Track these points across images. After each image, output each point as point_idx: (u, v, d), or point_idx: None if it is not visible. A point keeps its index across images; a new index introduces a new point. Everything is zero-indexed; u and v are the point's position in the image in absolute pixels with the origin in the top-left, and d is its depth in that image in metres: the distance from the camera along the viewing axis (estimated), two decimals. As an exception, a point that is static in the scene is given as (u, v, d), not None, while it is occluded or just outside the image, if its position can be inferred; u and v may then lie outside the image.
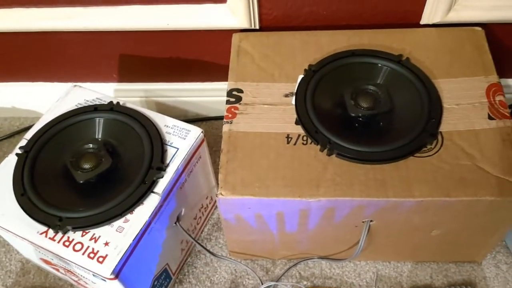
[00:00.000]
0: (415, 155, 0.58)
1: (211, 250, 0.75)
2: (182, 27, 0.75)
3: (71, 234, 0.57)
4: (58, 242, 0.56)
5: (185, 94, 0.90)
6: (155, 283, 0.66)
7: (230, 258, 0.73)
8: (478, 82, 0.64)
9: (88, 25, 0.76)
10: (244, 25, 0.73)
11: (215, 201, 0.79)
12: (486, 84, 0.64)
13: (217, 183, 0.58)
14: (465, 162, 0.58)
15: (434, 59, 0.67)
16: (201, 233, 0.77)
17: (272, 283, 0.71)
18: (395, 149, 0.58)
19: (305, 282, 0.71)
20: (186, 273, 0.73)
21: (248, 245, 0.70)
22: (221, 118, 0.93)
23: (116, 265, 0.54)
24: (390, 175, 0.57)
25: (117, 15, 0.74)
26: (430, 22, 0.72)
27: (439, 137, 0.60)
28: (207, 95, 0.89)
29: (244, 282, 0.72)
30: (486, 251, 0.70)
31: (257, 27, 0.74)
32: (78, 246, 0.56)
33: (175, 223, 0.65)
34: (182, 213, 0.67)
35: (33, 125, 0.67)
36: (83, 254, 0.55)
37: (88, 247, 0.56)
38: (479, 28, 0.70)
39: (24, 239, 0.58)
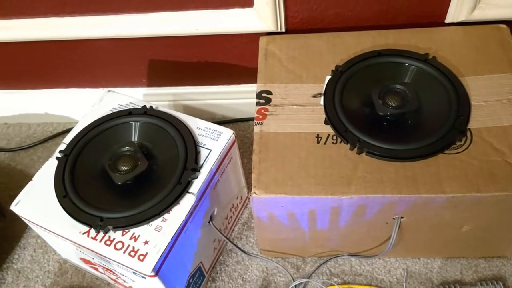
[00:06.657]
0: (445, 152, 0.59)
1: (242, 248, 0.77)
2: (210, 31, 0.77)
3: (111, 234, 0.59)
4: (100, 241, 0.59)
5: (212, 97, 0.92)
6: (190, 280, 0.68)
7: (261, 256, 0.75)
8: (505, 79, 0.65)
9: (119, 32, 0.78)
10: (271, 28, 0.75)
11: (245, 201, 0.80)
12: (513, 81, 0.65)
13: (246, 183, 0.60)
14: (494, 158, 0.58)
15: (460, 57, 0.68)
16: (232, 232, 0.79)
17: (304, 280, 0.72)
18: (425, 147, 0.59)
19: (335, 279, 0.72)
20: (219, 271, 0.75)
21: (279, 243, 0.72)
22: (247, 120, 0.95)
23: (156, 262, 0.56)
24: (420, 172, 0.58)
25: (147, 22, 0.76)
26: (455, 21, 0.73)
27: (468, 134, 0.60)
28: (233, 97, 0.91)
29: (275, 280, 0.73)
30: (515, 247, 0.70)
31: (283, 30, 0.76)
32: (119, 245, 0.58)
33: (209, 222, 0.67)
34: (215, 212, 0.68)
35: (65, 130, 0.70)
36: (124, 252, 0.57)
37: (129, 245, 0.58)
38: (504, 26, 0.71)
39: (67, 239, 0.61)
